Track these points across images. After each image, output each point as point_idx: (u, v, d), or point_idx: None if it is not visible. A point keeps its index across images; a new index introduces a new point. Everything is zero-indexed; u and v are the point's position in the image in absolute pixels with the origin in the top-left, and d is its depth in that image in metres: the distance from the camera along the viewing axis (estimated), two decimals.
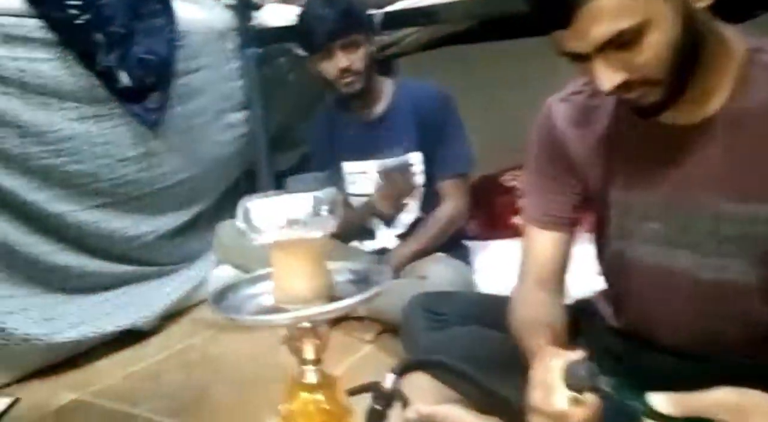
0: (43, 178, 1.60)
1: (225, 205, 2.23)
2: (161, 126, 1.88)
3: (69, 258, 1.68)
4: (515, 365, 0.90)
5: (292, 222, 0.49)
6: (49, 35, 1.57)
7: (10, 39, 1.49)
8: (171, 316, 1.91)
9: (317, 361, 0.55)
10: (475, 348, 1.00)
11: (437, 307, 1.13)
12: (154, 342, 1.81)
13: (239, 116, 2.21)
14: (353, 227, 1.81)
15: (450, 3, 1.79)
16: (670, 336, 0.92)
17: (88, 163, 1.68)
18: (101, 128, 1.71)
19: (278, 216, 0.49)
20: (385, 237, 1.82)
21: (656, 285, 0.91)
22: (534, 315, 0.92)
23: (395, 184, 1.67)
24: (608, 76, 0.75)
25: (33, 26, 1.54)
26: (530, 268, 1.00)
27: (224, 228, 1.85)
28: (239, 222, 0.51)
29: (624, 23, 0.70)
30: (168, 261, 2.02)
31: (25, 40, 1.52)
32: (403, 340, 1.20)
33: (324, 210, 0.50)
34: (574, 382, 0.63)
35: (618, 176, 0.92)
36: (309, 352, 0.54)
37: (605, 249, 0.99)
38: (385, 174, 1.64)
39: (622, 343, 1.01)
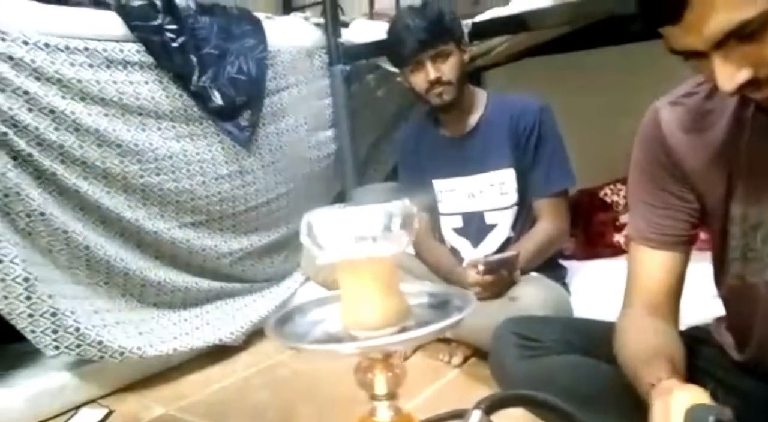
0: (142, 196, 1.65)
1: None
2: (253, 144, 1.91)
3: (162, 274, 1.73)
4: (624, 400, 0.80)
5: (360, 239, 0.44)
6: (147, 58, 1.63)
7: (111, 63, 1.56)
8: (258, 333, 1.92)
9: (391, 396, 0.49)
10: (577, 380, 0.91)
11: (531, 333, 1.04)
12: (242, 358, 1.82)
13: (329, 134, 2.22)
14: (441, 276, 1.69)
15: (542, 10, 1.70)
16: None
17: (184, 180, 1.73)
18: (196, 147, 1.76)
19: (345, 231, 0.44)
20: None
21: None
22: (647, 345, 0.81)
23: (498, 278, 1.52)
24: (730, 75, 0.65)
25: (132, 50, 1.61)
26: (639, 292, 0.90)
27: None
28: (303, 238, 0.46)
29: (747, 12, 0.60)
30: (257, 278, 2.04)
31: (124, 64, 1.59)
32: (492, 367, 1.11)
33: (396, 224, 0.44)
34: None
35: (741, 188, 0.81)
36: (380, 386, 0.48)
37: (725, 271, 0.88)
38: (490, 268, 1.49)
39: (746, 379, 0.89)
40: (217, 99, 1.75)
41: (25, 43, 1.39)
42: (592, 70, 2.30)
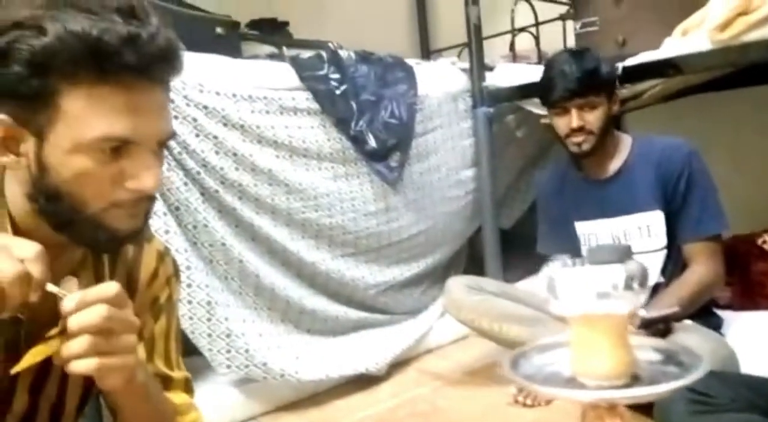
0: (302, 230, 1.80)
1: (454, 261, 2.30)
2: (400, 183, 2.02)
3: (316, 302, 1.85)
4: None
5: (602, 295, 0.48)
6: (314, 105, 1.79)
7: (284, 110, 1.73)
8: (397, 365, 1.98)
9: None
10: None
11: (703, 387, 1.02)
12: (384, 388, 1.88)
13: (469, 173, 2.29)
14: None
15: (700, 53, 1.67)
16: None
17: (338, 216, 1.86)
18: (350, 185, 1.89)
19: (587, 288, 0.49)
20: None
21: None
22: None
23: (654, 331, 1.45)
24: None
25: (302, 98, 1.77)
26: None
27: (455, 283, 1.88)
28: (543, 290, 0.51)
29: None
30: (397, 310, 2.12)
31: (295, 111, 1.76)
32: (656, 420, 1.10)
33: (636, 283, 0.48)
34: None
35: None
36: None
37: None
38: (647, 323, 1.44)
39: None
40: (372, 142, 1.88)
41: (218, 93, 1.58)
42: (746, 110, 2.20)
